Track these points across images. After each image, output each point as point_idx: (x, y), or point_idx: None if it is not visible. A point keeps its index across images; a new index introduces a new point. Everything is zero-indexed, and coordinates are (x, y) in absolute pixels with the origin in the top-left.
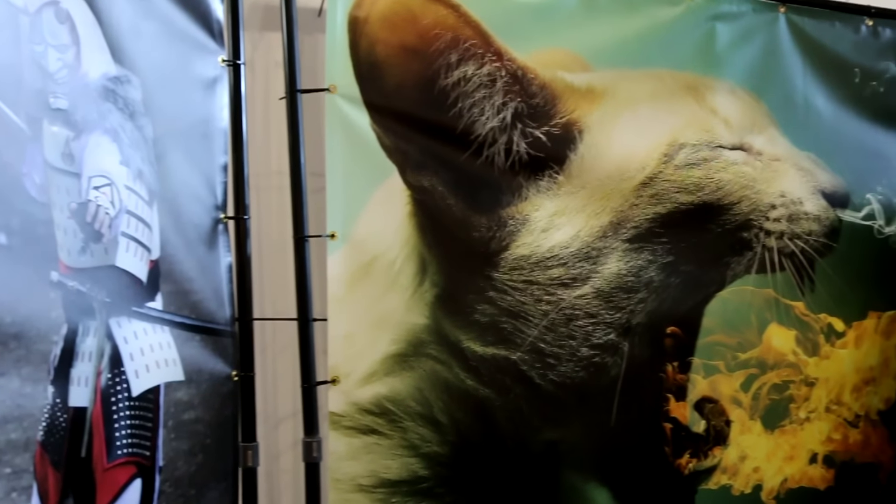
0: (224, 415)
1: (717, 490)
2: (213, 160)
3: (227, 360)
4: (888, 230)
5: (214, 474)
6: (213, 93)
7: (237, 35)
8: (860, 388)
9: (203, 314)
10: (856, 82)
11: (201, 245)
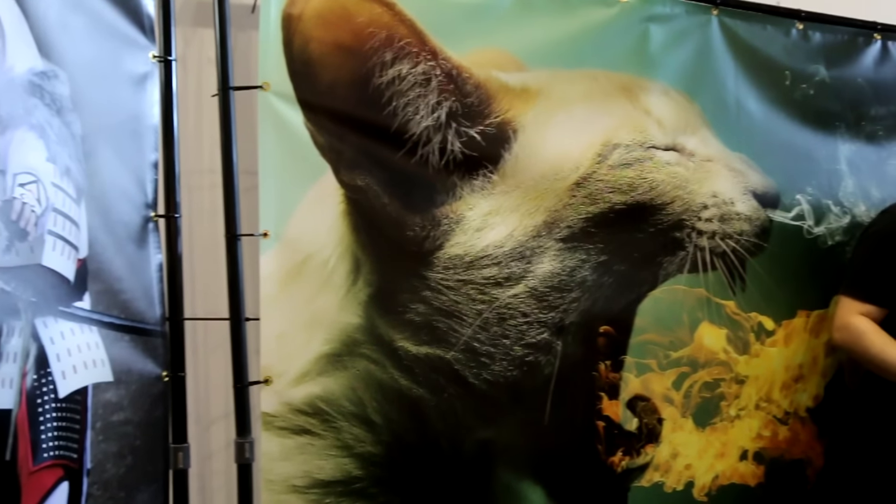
0: (154, 416)
1: (649, 487)
2: (144, 157)
3: (158, 360)
4: (817, 230)
5: (144, 477)
6: (143, 89)
7: (168, 31)
8: (789, 386)
9: (132, 314)
10: (786, 85)
11: (131, 243)
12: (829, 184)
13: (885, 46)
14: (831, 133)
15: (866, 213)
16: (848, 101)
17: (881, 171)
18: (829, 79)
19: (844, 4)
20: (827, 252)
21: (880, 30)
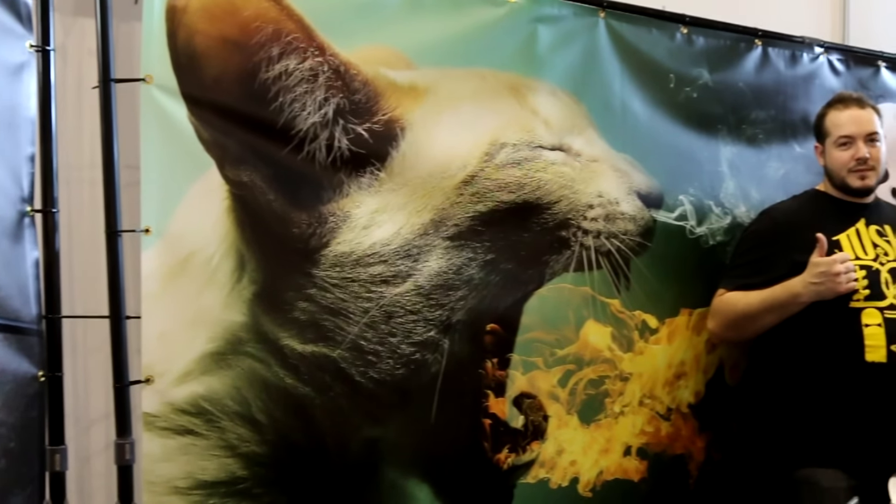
0: (30, 417)
1: (535, 484)
2: (20, 150)
3: (34, 359)
4: (699, 230)
5: (18, 480)
6: (19, 79)
7: (47, 19)
8: (672, 383)
9: (7, 312)
10: (671, 87)
11: (5, 239)
12: (710, 185)
13: (765, 52)
14: (713, 135)
15: (746, 214)
16: (729, 105)
17: (761, 174)
18: (712, 82)
19: (727, 10)
20: (709, 251)
21: (761, 36)
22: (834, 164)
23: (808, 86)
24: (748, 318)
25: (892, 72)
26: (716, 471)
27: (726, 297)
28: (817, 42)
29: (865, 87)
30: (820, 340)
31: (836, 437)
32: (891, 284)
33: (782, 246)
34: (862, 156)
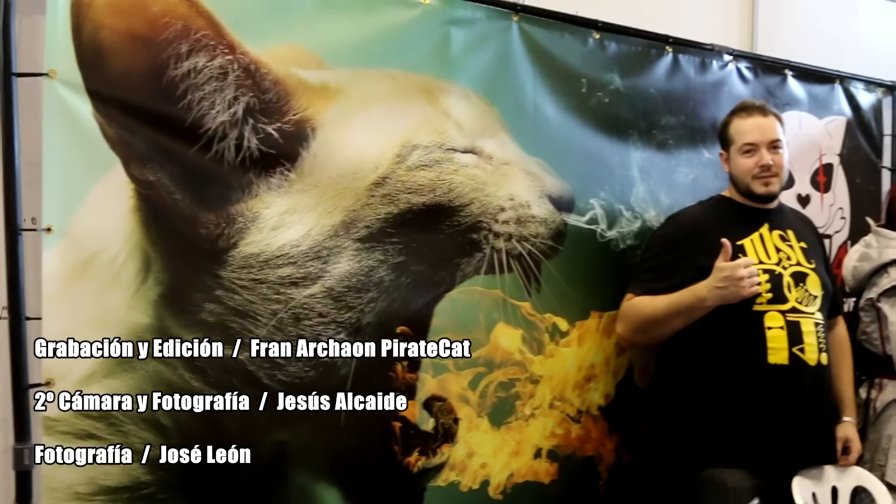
0: None
1: (445, 487)
2: None
3: None
4: (610, 234)
5: None
6: None
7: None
8: (582, 385)
9: None
10: (583, 92)
11: None
12: (621, 189)
13: (676, 59)
14: (624, 140)
15: (656, 218)
16: (640, 110)
17: (670, 179)
18: (624, 88)
19: (639, 17)
20: (619, 255)
21: (672, 43)
22: (738, 171)
23: (717, 93)
24: (655, 323)
25: (799, 80)
26: (625, 472)
27: (634, 302)
28: (726, 50)
29: (773, 94)
30: (725, 343)
31: (741, 437)
32: (793, 288)
33: (688, 250)
34: (766, 163)
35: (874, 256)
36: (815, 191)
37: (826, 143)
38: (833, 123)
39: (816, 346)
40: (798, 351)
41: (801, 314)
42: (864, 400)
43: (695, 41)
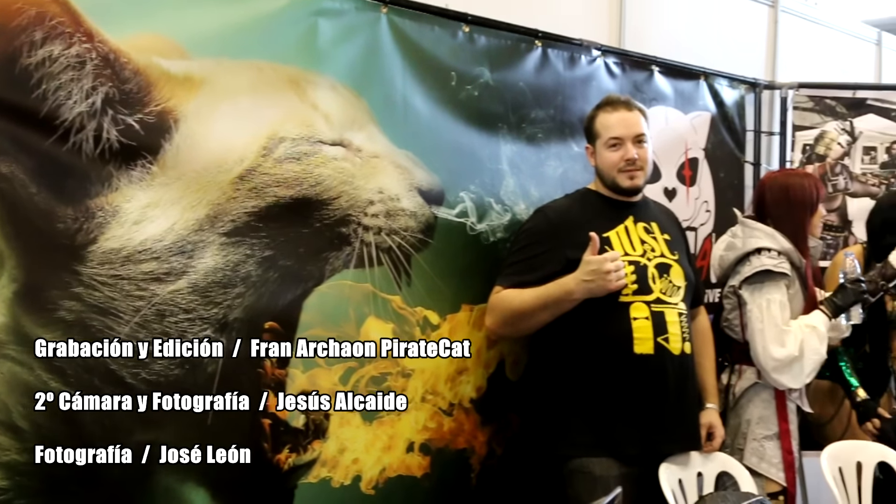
0: None
1: (316, 483)
2: None
3: None
4: (480, 227)
5: None
6: None
7: None
8: (454, 378)
9: None
10: (452, 85)
11: None
12: (491, 182)
13: (545, 53)
14: (494, 134)
15: (526, 211)
16: (510, 104)
17: (540, 172)
18: (493, 82)
19: (508, 11)
20: (489, 248)
21: (541, 37)
22: (604, 165)
23: (585, 87)
24: (523, 315)
25: (665, 76)
26: (497, 464)
27: (502, 295)
28: (595, 45)
29: (640, 90)
30: (592, 335)
31: (608, 426)
32: (657, 279)
33: (556, 243)
34: (631, 157)
35: (739, 246)
36: (681, 184)
37: (691, 137)
38: (698, 119)
39: (680, 335)
40: (663, 341)
41: (665, 305)
42: (724, 386)
43: (564, 36)
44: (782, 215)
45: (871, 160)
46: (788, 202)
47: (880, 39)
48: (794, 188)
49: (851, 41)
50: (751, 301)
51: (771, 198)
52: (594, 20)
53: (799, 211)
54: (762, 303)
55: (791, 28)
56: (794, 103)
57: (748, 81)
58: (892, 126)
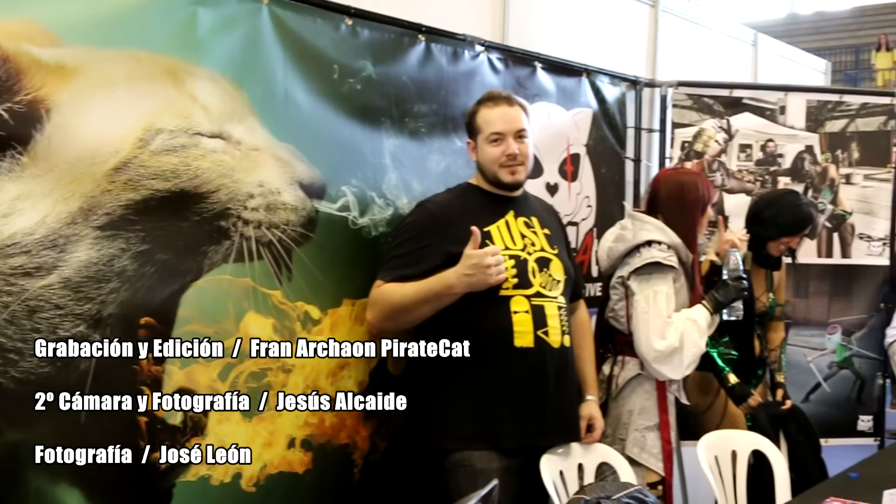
0: None
1: (195, 482)
2: None
3: None
4: (362, 221)
5: None
6: None
7: None
8: (336, 373)
9: None
10: (335, 78)
11: None
12: (373, 177)
13: (428, 48)
14: (377, 128)
15: (408, 206)
16: (393, 98)
17: (422, 166)
18: (376, 75)
19: (392, 5)
20: (371, 242)
21: (425, 32)
22: (486, 160)
23: (468, 82)
24: (404, 310)
25: (548, 73)
26: (380, 459)
27: (383, 289)
28: (478, 40)
29: (523, 86)
30: (473, 328)
31: (489, 419)
32: (537, 273)
33: (437, 237)
34: (512, 152)
35: (629, 238)
36: (563, 180)
37: (573, 133)
38: (580, 115)
39: (560, 328)
40: (542, 334)
41: (544, 298)
42: (606, 376)
43: (448, 31)
44: (675, 212)
45: (746, 157)
46: (683, 200)
47: (756, 41)
48: (688, 186)
49: (729, 42)
50: (638, 292)
51: (666, 195)
52: (478, 16)
53: (692, 209)
54: (649, 294)
55: (671, 28)
56: (673, 101)
57: (629, 79)
58: (767, 125)
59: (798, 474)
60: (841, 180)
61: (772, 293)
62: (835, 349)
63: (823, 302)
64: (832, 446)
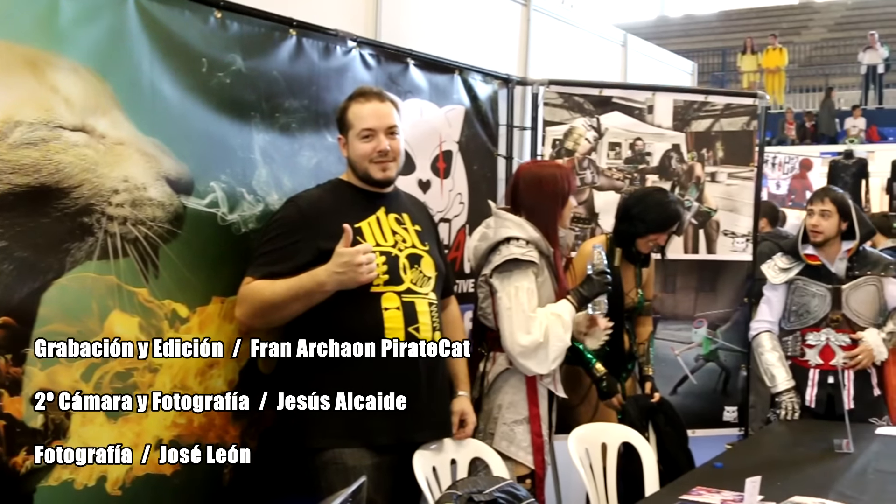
0: None
1: (58, 486)
2: None
3: None
4: (231, 218)
5: None
6: None
7: None
8: (204, 372)
9: None
10: (203, 72)
11: None
12: (243, 172)
13: (300, 43)
14: (246, 123)
15: (278, 202)
16: (263, 93)
17: (293, 162)
18: (246, 69)
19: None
20: (241, 239)
21: (296, 26)
22: (357, 155)
23: (340, 78)
24: (274, 307)
25: (421, 70)
26: (252, 459)
27: (253, 286)
28: (350, 36)
29: (395, 82)
30: (344, 325)
31: (361, 417)
32: (408, 270)
33: (308, 233)
34: (383, 148)
35: (491, 236)
36: (436, 176)
37: (446, 130)
38: (452, 112)
39: (431, 325)
40: (413, 330)
41: (415, 295)
42: (480, 373)
43: (319, 26)
44: (535, 206)
45: (616, 155)
46: (541, 193)
47: (626, 42)
48: (546, 180)
49: (600, 42)
50: (500, 289)
51: (525, 189)
52: (351, 11)
53: (551, 202)
54: (510, 290)
55: (543, 27)
56: (544, 100)
57: (501, 77)
58: (635, 123)
59: (666, 465)
60: (706, 178)
61: (640, 289)
62: (701, 342)
63: (690, 297)
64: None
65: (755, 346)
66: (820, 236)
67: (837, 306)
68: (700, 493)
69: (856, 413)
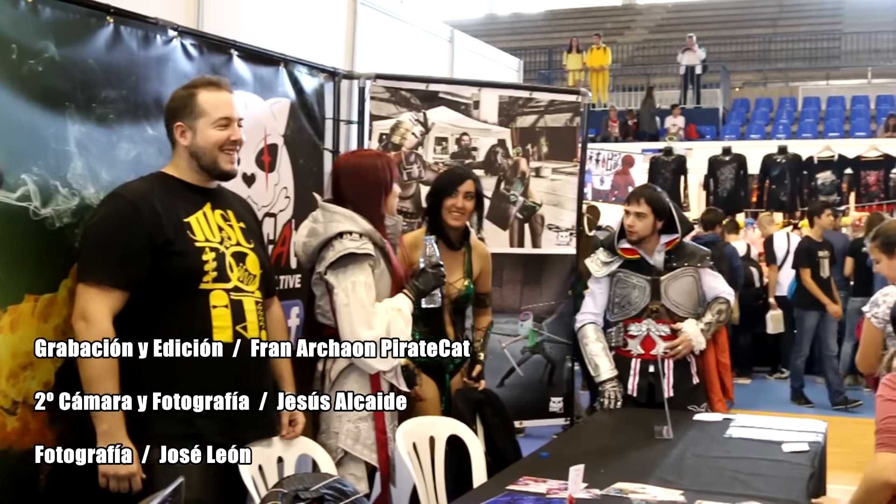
0: None
1: None
2: None
3: None
4: (45, 212)
5: None
6: None
7: None
8: (18, 374)
9: None
10: (13, 59)
11: None
12: (57, 164)
13: (117, 30)
14: (60, 113)
15: (96, 196)
16: (79, 82)
17: (112, 154)
18: (60, 57)
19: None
20: (56, 234)
21: (113, 13)
22: (207, 143)
23: (161, 68)
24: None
25: (245, 61)
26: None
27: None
28: (171, 25)
29: (218, 74)
30: (172, 322)
31: (188, 415)
32: (234, 267)
33: (141, 227)
34: (238, 137)
35: (321, 231)
36: (261, 170)
37: (271, 124)
38: (277, 105)
39: (257, 323)
40: (241, 329)
41: (242, 293)
42: (321, 372)
43: (138, 13)
44: (358, 197)
45: (442, 150)
46: (362, 183)
47: (453, 37)
48: (365, 169)
49: (427, 38)
50: (337, 285)
51: (345, 180)
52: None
53: (373, 190)
54: (347, 286)
55: (370, 21)
56: (371, 94)
57: (327, 70)
58: (461, 118)
59: (494, 456)
60: (531, 173)
61: (469, 279)
62: (527, 335)
63: (516, 290)
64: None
65: (580, 337)
66: (635, 236)
67: (657, 297)
68: (527, 482)
69: (675, 401)
